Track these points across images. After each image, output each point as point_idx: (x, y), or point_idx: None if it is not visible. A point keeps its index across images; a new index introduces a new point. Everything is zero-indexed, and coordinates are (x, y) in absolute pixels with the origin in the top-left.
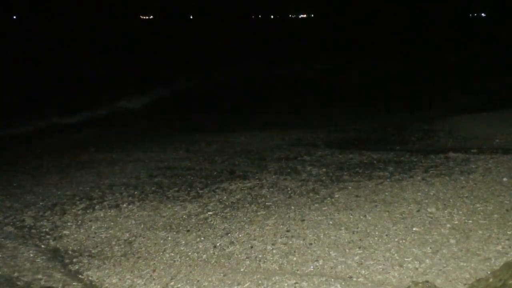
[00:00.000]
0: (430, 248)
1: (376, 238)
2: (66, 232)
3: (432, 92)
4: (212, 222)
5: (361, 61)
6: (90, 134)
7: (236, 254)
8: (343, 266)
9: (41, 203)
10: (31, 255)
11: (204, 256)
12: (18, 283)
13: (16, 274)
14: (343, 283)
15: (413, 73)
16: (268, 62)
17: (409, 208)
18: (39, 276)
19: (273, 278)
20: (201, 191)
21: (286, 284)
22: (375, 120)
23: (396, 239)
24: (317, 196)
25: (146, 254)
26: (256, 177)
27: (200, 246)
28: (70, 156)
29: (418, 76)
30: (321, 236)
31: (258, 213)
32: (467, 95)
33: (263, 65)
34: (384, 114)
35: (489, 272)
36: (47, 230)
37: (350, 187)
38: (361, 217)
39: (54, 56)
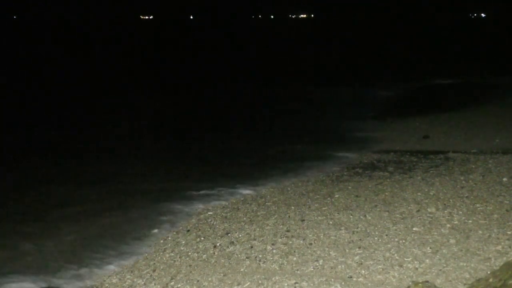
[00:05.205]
0: (430, 248)
1: (376, 238)
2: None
3: None
4: (212, 222)
5: None
6: None
7: (236, 254)
8: (343, 266)
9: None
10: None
11: (204, 256)
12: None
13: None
14: (343, 283)
15: None
16: None
17: (409, 208)
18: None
19: (273, 278)
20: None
21: (286, 284)
22: None
23: (396, 239)
24: (317, 196)
25: (146, 254)
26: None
27: (200, 246)
28: None
29: None
30: (321, 236)
31: (258, 213)
32: None
33: None
34: None
35: (489, 272)
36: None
37: (350, 187)
38: (361, 217)
39: None
